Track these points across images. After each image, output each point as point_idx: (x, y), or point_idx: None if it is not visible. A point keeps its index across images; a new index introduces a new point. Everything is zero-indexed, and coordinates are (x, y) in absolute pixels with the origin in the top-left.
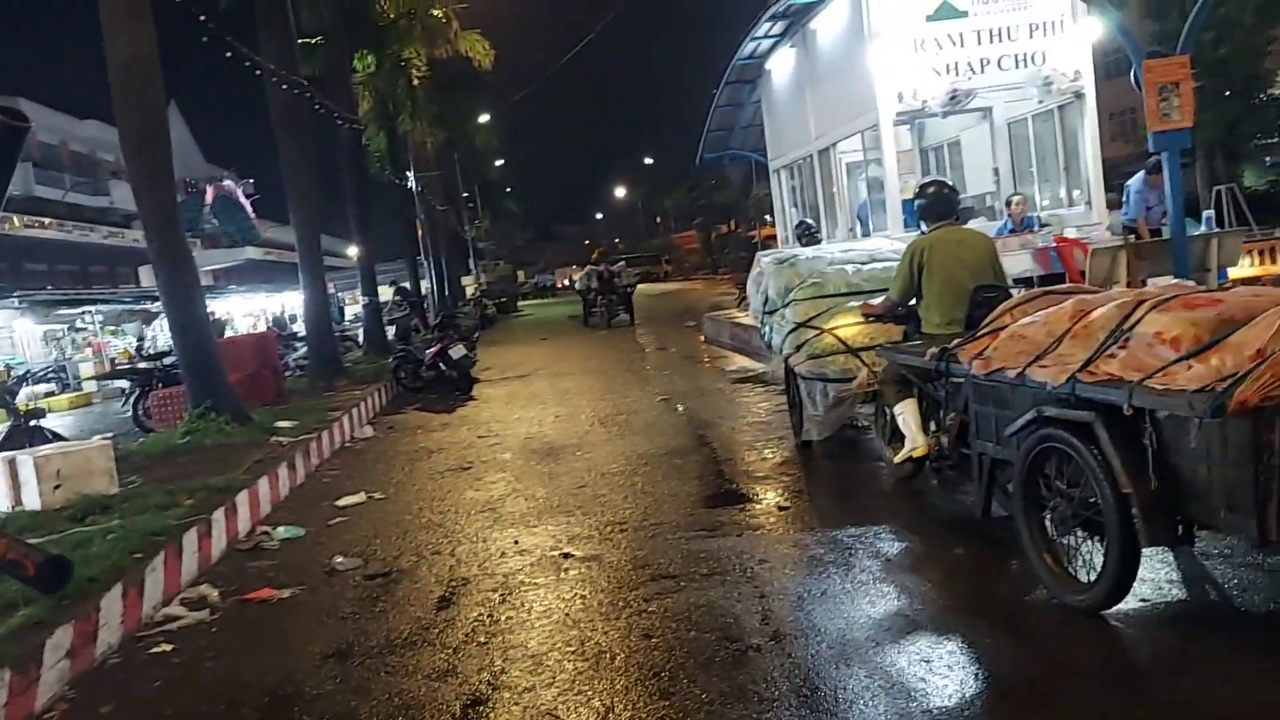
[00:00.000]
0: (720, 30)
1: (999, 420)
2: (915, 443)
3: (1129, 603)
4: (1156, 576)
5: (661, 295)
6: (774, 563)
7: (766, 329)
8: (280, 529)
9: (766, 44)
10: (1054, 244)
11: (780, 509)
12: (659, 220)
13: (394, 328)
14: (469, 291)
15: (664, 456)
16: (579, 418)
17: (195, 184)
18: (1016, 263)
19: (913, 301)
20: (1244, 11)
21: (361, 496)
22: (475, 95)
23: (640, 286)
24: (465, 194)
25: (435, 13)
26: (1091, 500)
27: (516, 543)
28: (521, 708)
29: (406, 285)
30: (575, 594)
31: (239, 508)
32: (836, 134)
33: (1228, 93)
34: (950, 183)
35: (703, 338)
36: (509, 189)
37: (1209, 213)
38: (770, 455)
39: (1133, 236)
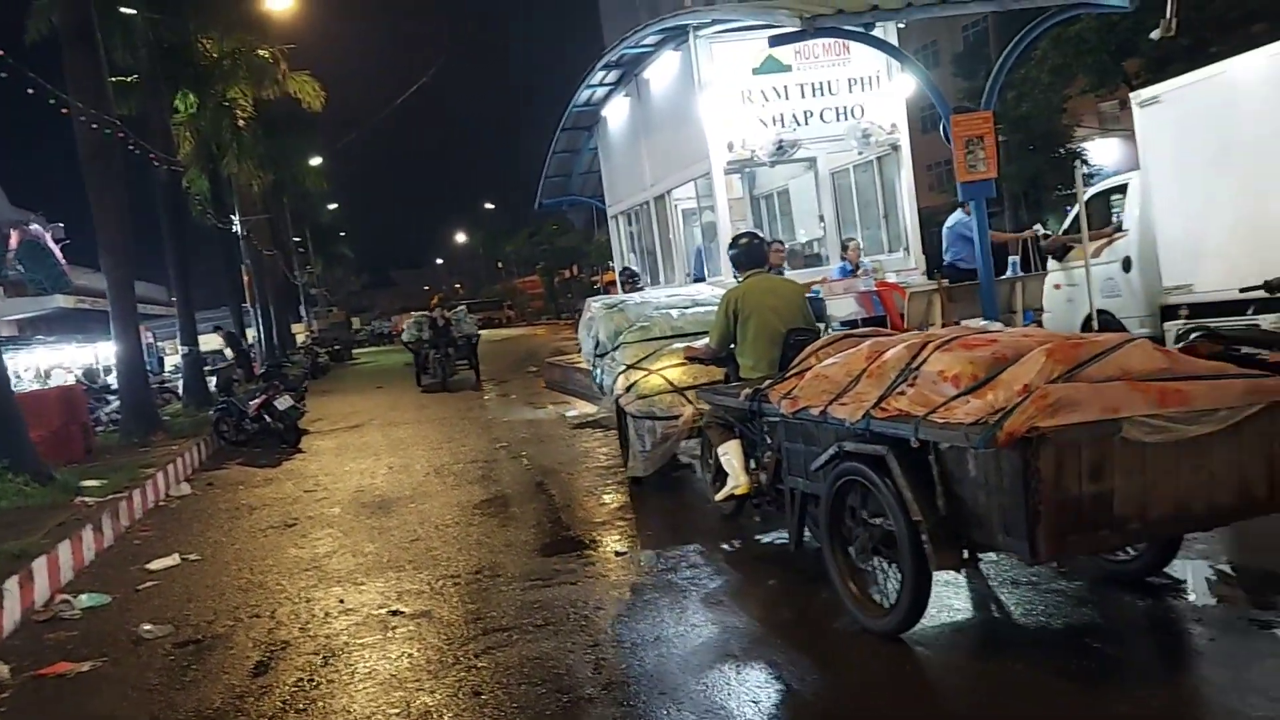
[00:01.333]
0: (559, 75)
1: (807, 456)
2: (737, 481)
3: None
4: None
5: (503, 341)
6: (609, 610)
7: (598, 371)
8: (83, 597)
9: (602, 91)
10: (875, 288)
11: (616, 554)
12: (501, 265)
13: (215, 378)
14: (300, 339)
15: (501, 506)
16: (414, 468)
17: None
18: (842, 306)
19: (732, 346)
20: (1042, 72)
21: (175, 559)
22: (306, 137)
23: (482, 333)
24: (296, 238)
25: (262, 53)
26: (889, 529)
27: (342, 601)
28: None
29: (233, 331)
30: (403, 653)
31: (36, 575)
32: (671, 181)
33: (1030, 147)
34: (760, 234)
35: (544, 383)
36: (343, 233)
37: (1015, 258)
38: (608, 501)
39: (945, 280)
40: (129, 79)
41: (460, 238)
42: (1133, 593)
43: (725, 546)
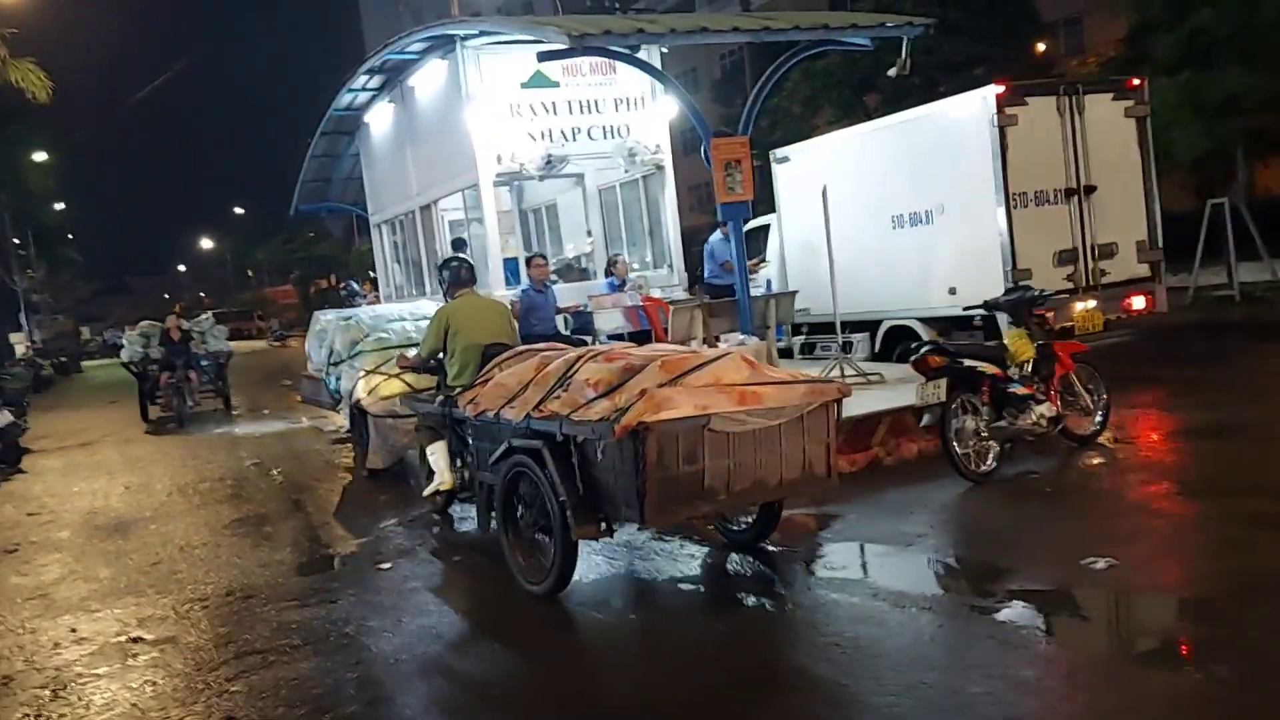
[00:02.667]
0: (317, 76)
1: (489, 453)
2: (443, 478)
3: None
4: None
5: (255, 353)
6: (370, 625)
7: (333, 378)
8: None
9: (364, 96)
10: (641, 303)
11: (378, 568)
12: (251, 273)
13: None
14: (20, 350)
15: (254, 525)
16: (154, 487)
17: None
18: (610, 320)
19: (441, 356)
20: (794, 103)
21: None
22: (30, 131)
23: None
24: (15, 240)
25: None
26: (546, 508)
27: (74, 630)
28: None
29: None
30: (145, 681)
31: None
32: (438, 191)
33: None
34: (469, 258)
35: (299, 397)
36: (71, 236)
37: (770, 276)
38: (367, 516)
39: (708, 296)
40: None
41: (206, 243)
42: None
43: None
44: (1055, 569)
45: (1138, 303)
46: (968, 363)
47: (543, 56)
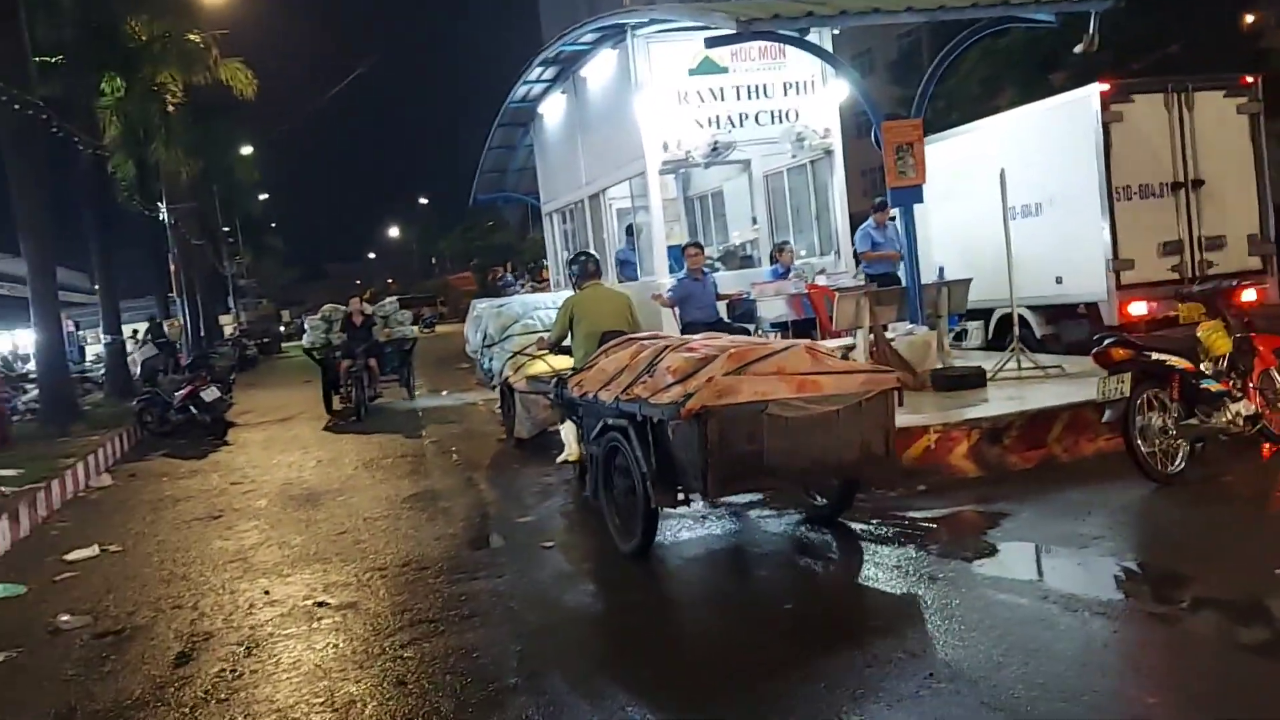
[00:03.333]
0: (497, 70)
1: (593, 429)
2: (570, 450)
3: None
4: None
5: (436, 338)
6: (532, 600)
7: (486, 360)
8: None
9: (539, 88)
10: (806, 291)
11: (543, 547)
12: (434, 261)
13: (139, 368)
14: (227, 331)
15: (430, 500)
16: (342, 462)
17: None
18: (773, 308)
19: (566, 341)
20: (971, 83)
21: (94, 550)
22: (237, 126)
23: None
24: (225, 229)
25: (192, 37)
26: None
27: (267, 593)
28: None
29: (160, 322)
30: (328, 644)
31: None
32: (606, 180)
33: None
34: (594, 253)
35: (476, 380)
36: (273, 224)
37: (942, 264)
38: (534, 497)
39: (874, 284)
40: (52, 59)
41: (394, 233)
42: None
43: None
44: (1246, 578)
45: (1248, 295)
46: (1155, 356)
47: (710, 42)
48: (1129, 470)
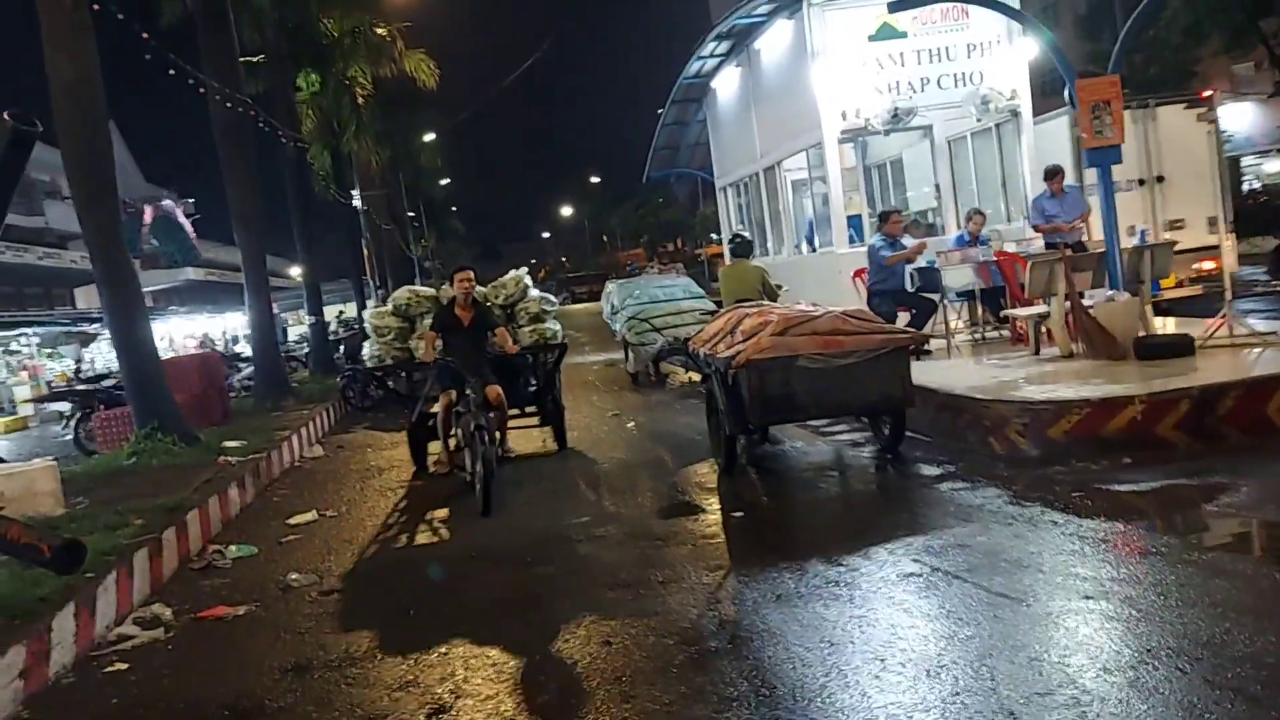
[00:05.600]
0: (667, 49)
1: (704, 375)
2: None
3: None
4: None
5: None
6: (725, 569)
7: (614, 323)
8: (232, 548)
9: (712, 63)
10: (995, 258)
11: (734, 515)
12: (606, 238)
13: (343, 347)
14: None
15: (618, 470)
16: (531, 434)
17: (133, 204)
18: (960, 276)
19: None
20: (1172, 33)
21: (313, 515)
22: (420, 114)
23: (588, 305)
24: (410, 213)
25: (379, 31)
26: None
27: (473, 556)
28: (485, 714)
29: (349, 318)
30: (530, 599)
31: (189, 527)
32: (782, 152)
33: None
34: (747, 234)
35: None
36: (454, 208)
37: (1144, 227)
38: (713, 469)
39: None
40: (255, 59)
41: (566, 211)
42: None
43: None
44: None
45: (1207, 265)
46: None
47: (894, 7)
48: None
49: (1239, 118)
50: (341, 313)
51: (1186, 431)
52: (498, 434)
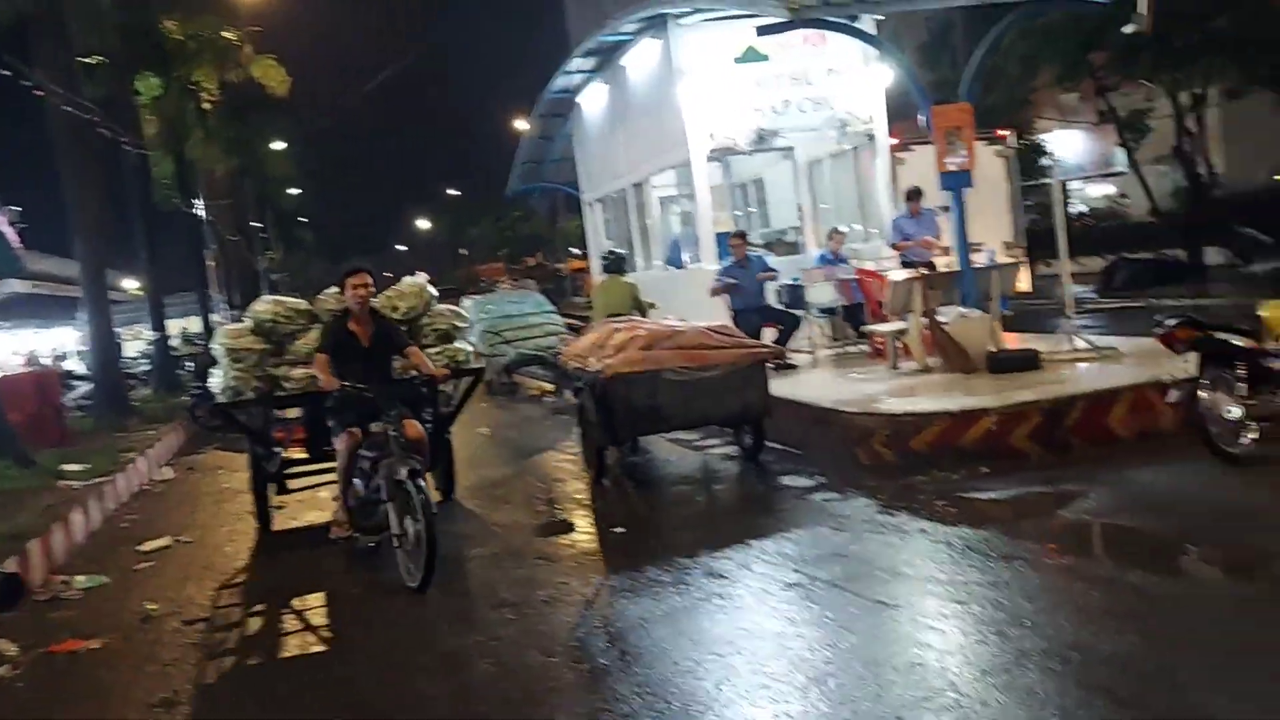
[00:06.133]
0: (526, 64)
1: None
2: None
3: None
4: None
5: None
6: (609, 585)
7: (470, 336)
8: (80, 578)
9: (578, 79)
10: (855, 276)
11: (614, 530)
12: (464, 252)
13: (192, 364)
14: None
15: (493, 488)
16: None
17: None
18: (823, 293)
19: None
20: (1009, 63)
21: (167, 540)
22: (270, 122)
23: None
24: (258, 224)
25: (227, 35)
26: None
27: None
28: None
29: (193, 333)
30: (414, 619)
31: (31, 556)
32: (650, 168)
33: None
34: (621, 251)
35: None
36: (303, 219)
37: (991, 248)
38: (588, 484)
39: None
40: (93, 61)
41: (423, 224)
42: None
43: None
44: None
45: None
46: (1220, 336)
47: (762, 31)
48: (1195, 449)
49: (1068, 144)
50: (185, 329)
51: (1038, 441)
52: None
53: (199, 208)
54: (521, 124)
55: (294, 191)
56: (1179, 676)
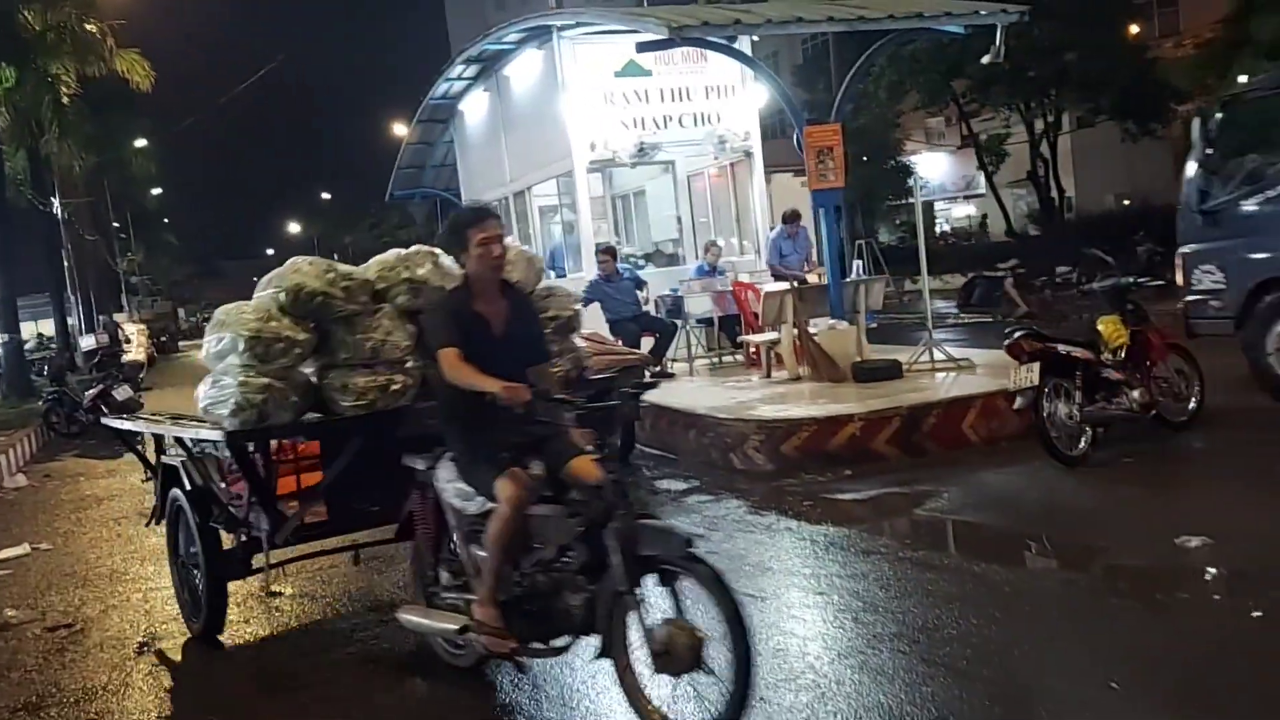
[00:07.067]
0: (405, 68)
1: None
2: None
3: None
4: None
5: None
6: None
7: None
8: None
9: (460, 85)
10: (731, 288)
11: None
12: (337, 257)
13: (46, 368)
14: (131, 330)
15: None
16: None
17: None
18: (700, 304)
19: None
20: (878, 88)
21: (25, 548)
22: (133, 118)
23: None
24: (117, 224)
25: (89, 27)
26: None
27: None
28: None
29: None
30: (288, 626)
31: None
32: (532, 178)
33: (865, 158)
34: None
35: None
36: (167, 220)
37: (859, 262)
38: None
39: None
40: None
41: (295, 228)
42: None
43: None
44: (1148, 548)
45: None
46: (1061, 348)
47: (642, 48)
48: (1037, 453)
49: (933, 167)
50: (41, 334)
51: (897, 445)
52: None
53: (55, 206)
54: (400, 129)
55: (157, 192)
56: (1013, 653)
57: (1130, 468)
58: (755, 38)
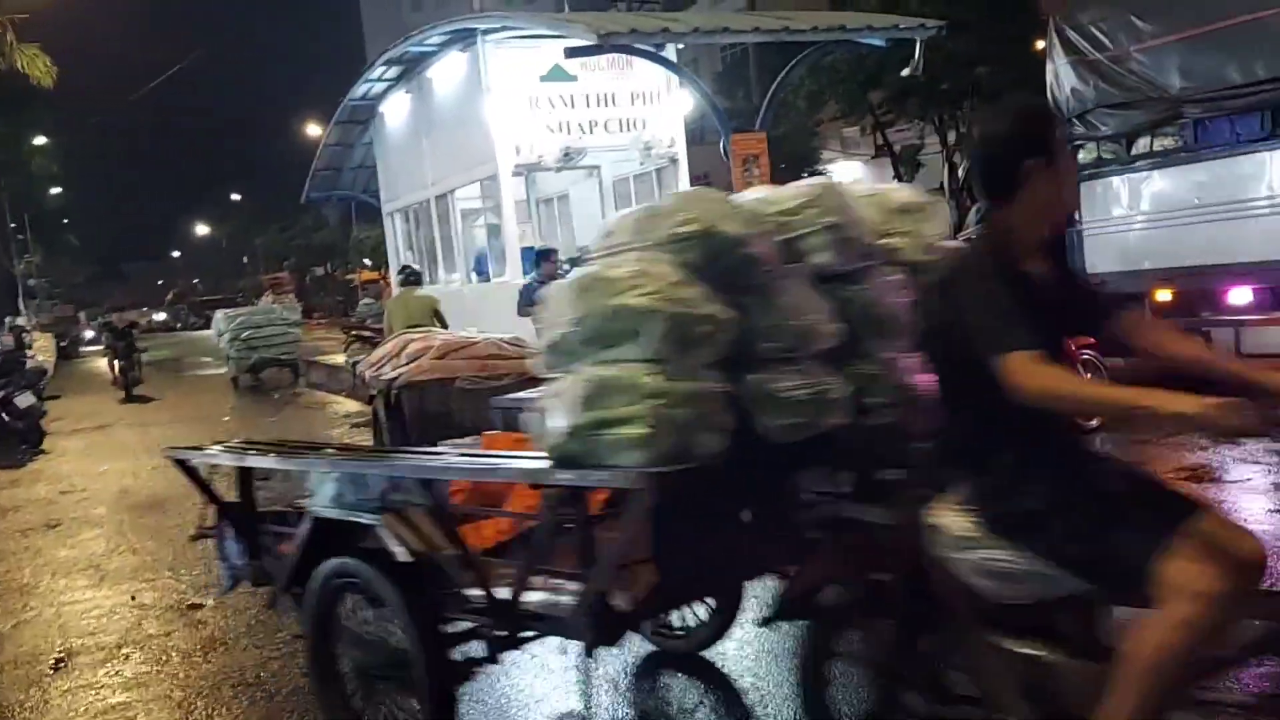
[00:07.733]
0: (320, 68)
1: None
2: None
3: None
4: None
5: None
6: None
7: (221, 342)
8: None
9: (380, 87)
10: None
11: None
12: (247, 260)
13: None
14: (34, 336)
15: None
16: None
17: None
18: None
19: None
20: (798, 97)
21: None
22: (34, 116)
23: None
24: (13, 224)
25: None
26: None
27: (134, 598)
28: None
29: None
30: (211, 640)
31: None
32: (454, 181)
33: (783, 165)
34: (416, 266)
35: (305, 382)
36: (67, 220)
37: None
38: None
39: None
40: None
41: (203, 230)
42: None
43: None
44: None
45: None
46: None
47: (571, 53)
48: None
49: (848, 176)
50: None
51: None
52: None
53: None
54: (315, 129)
55: (57, 191)
56: None
57: None
58: (680, 46)
